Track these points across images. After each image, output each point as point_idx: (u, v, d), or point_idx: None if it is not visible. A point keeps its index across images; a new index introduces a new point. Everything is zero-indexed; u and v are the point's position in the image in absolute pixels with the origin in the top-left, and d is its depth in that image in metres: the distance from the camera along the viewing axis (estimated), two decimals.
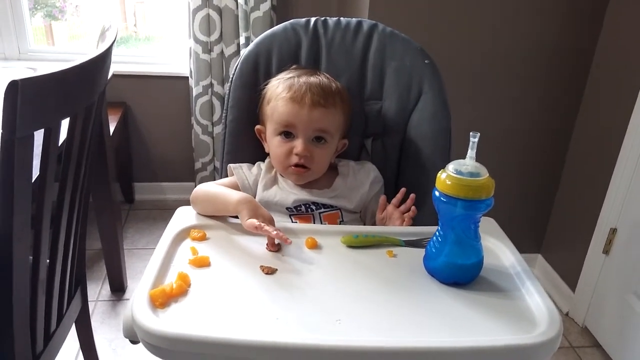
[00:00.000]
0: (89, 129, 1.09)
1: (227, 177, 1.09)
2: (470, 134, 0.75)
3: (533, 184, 2.08)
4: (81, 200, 1.18)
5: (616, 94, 1.76)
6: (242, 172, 1.07)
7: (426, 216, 0.97)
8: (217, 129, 2.37)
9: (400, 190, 1.03)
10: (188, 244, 0.85)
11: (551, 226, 2.13)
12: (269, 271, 0.79)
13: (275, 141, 1.03)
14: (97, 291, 1.92)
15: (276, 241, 0.84)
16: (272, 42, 1.12)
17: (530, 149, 2.01)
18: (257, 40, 1.13)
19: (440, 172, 0.77)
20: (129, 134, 2.44)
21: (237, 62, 1.12)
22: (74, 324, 1.33)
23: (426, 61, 1.10)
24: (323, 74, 1.06)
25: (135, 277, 1.99)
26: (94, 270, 2.02)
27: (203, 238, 0.87)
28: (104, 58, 1.07)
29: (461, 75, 1.82)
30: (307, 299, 0.73)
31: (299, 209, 1.03)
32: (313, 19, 1.14)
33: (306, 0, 2.29)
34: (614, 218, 1.72)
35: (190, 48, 2.21)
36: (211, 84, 2.28)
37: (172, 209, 0.95)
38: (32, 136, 0.84)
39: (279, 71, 1.09)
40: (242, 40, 2.19)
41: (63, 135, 1.00)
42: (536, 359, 0.68)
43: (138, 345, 0.74)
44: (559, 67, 1.87)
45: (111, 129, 1.95)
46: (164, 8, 2.51)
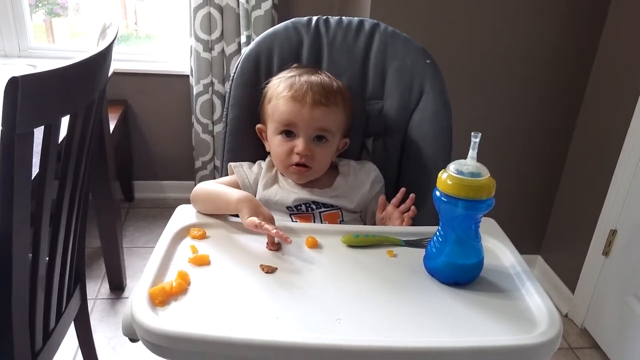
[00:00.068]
0: (89, 126, 1.08)
1: (228, 175, 1.09)
2: (472, 134, 0.75)
3: (533, 185, 2.08)
4: (81, 198, 1.18)
5: (617, 95, 1.76)
6: (242, 170, 1.07)
7: (427, 216, 0.97)
8: (218, 127, 2.37)
9: (400, 190, 1.03)
10: (188, 242, 0.85)
11: (551, 227, 2.13)
12: (269, 270, 0.79)
13: (276, 140, 1.03)
14: (96, 289, 1.92)
15: (276, 240, 0.84)
16: (273, 40, 1.12)
17: (531, 149, 2.01)
18: (258, 38, 1.13)
19: (441, 172, 0.77)
20: (129, 132, 2.44)
21: (238, 61, 1.12)
22: (72, 322, 1.33)
23: (427, 61, 1.10)
24: (324, 73, 1.06)
25: (135, 276, 1.99)
26: (93, 269, 2.02)
27: (203, 236, 0.87)
28: (105, 55, 1.06)
29: (461, 75, 1.82)
30: (307, 298, 0.73)
31: (299, 208, 1.03)
32: (315, 18, 1.14)
33: None
34: (614, 219, 1.72)
35: (191, 46, 2.21)
36: (212, 83, 2.28)
37: (172, 208, 0.95)
38: (32, 133, 0.84)
39: (280, 70, 1.09)
40: (243, 39, 2.18)
41: (63, 133, 1.00)
42: (536, 359, 0.68)
43: (137, 344, 0.74)
44: (559, 67, 1.87)
45: (111, 127, 1.95)
46: (165, 6, 2.51)
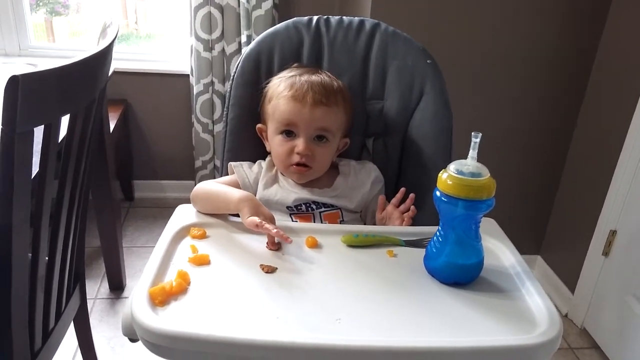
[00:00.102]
0: (89, 126, 1.08)
1: (228, 175, 1.09)
2: (472, 134, 0.75)
3: (533, 185, 2.08)
4: (81, 198, 1.17)
5: (617, 95, 1.76)
6: (242, 170, 1.07)
7: (427, 216, 0.97)
8: (218, 127, 2.37)
9: (399, 190, 1.03)
10: (188, 242, 0.85)
11: (551, 227, 2.13)
12: (269, 270, 0.78)
13: (276, 140, 1.02)
14: (96, 289, 1.92)
15: (276, 240, 0.84)
16: (274, 40, 1.12)
17: (531, 149, 2.01)
18: (259, 38, 1.13)
19: (441, 172, 0.77)
20: (129, 131, 2.44)
21: (238, 60, 1.12)
22: (72, 322, 1.33)
23: (428, 61, 1.10)
24: (325, 72, 1.06)
25: (134, 275, 1.99)
26: (92, 268, 2.02)
27: (203, 236, 0.87)
28: (105, 55, 1.06)
29: (461, 75, 1.82)
30: (307, 298, 0.73)
31: (299, 208, 1.03)
32: (315, 18, 1.14)
33: None
34: (614, 220, 1.72)
35: (192, 46, 2.21)
36: (212, 82, 2.27)
37: (172, 207, 0.95)
38: (32, 132, 0.84)
39: (281, 69, 1.09)
40: (243, 39, 2.18)
41: (63, 132, 0.99)
42: (536, 359, 0.68)
43: (136, 344, 0.74)
44: (559, 67, 1.87)
45: (111, 126, 1.95)
46: (165, 5, 2.51)
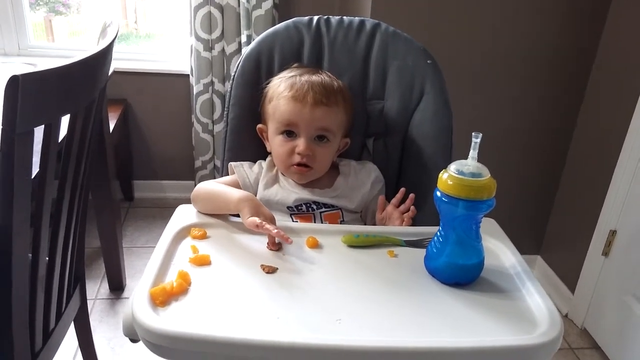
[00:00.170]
0: (89, 126, 1.08)
1: (228, 175, 1.09)
2: (473, 134, 0.75)
3: (533, 185, 2.08)
4: (81, 198, 1.17)
5: (617, 95, 1.76)
6: (243, 170, 1.07)
7: (427, 216, 0.97)
8: (218, 127, 2.37)
9: (400, 190, 1.03)
10: (188, 242, 0.85)
11: (551, 227, 2.13)
12: (270, 270, 0.78)
13: (277, 140, 1.02)
14: (96, 289, 1.92)
15: (277, 240, 0.84)
16: (274, 40, 1.12)
17: (530, 149, 2.01)
18: (259, 38, 1.13)
19: (441, 172, 0.77)
20: (129, 131, 2.44)
21: (239, 60, 1.12)
22: (72, 323, 1.32)
23: (428, 61, 1.10)
24: (325, 72, 1.06)
25: (134, 276, 1.99)
26: (92, 269, 2.02)
27: (204, 236, 0.87)
28: (105, 54, 1.06)
29: (461, 75, 1.82)
30: (308, 299, 0.73)
31: (299, 208, 1.03)
32: (316, 18, 1.14)
33: None
34: (613, 220, 1.72)
35: (191, 46, 2.21)
36: (212, 82, 2.27)
37: (172, 207, 0.95)
38: (32, 132, 0.84)
39: (281, 69, 1.09)
40: (243, 39, 2.18)
41: (63, 132, 0.99)
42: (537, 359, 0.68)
43: (136, 344, 0.74)
44: (559, 66, 1.87)
45: (111, 126, 1.95)
46: (165, 5, 2.51)
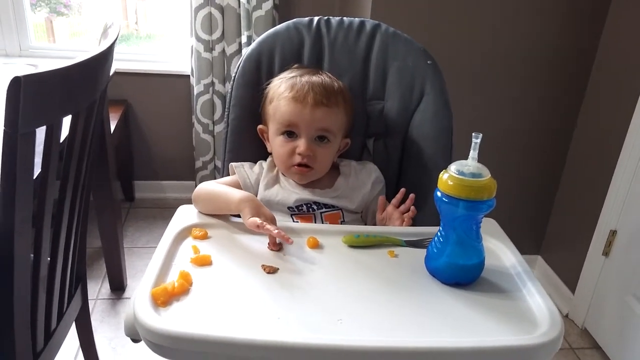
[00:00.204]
0: (90, 126, 1.08)
1: (229, 175, 1.09)
2: (473, 134, 0.75)
3: (533, 185, 2.08)
4: (82, 198, 1.18)
5: (617, 95, 1.76)
6: (243, 170, 1.07)
7: (428, 216, 0.97)
8: (218, 127, 2.37)
9: (400, 190, 1.03)
10: (190, 242, 0.85)
11: (551, 227, 2.13)
12: (271, 270, 0.79)
13: (277, 141, 1.03)
14: (97, 290, 1.92)
15: (278, 240, 0.84)
16: (274, 41, 1.12)
17: (531, 149, 2.01)
18: (260, 39, 1.13)
19: (442, 172, 0.77)
20: (129, 132, 2.44)
21: (239, 61, 1.12)
22: (74, 323, 1.33)
23: (428, 62, 1.10)
24: (325, 73, 1.06)
25: (135, 276, 1.99)
26: (93, 269, 2.02)
27: (205, 237, 0.87)
28: (107, 55, 1.06)
29: (461, 76, 1.83)
30: (309, 299, 0.73)
31: (300, 208, 1.03)
32: (316, 19, 1.14)
33: (308, 0, 2.29)
34: (614, 220, 1.73)
35: (192, 46, 2.21)
36: (212, 83, 2.28)
37: (172, 208, 0.95)
38: (34, 133, 0.84)
39: (282, 70, 1.09)
40: (243, 39, 2.19)
41: (64, 133, 1.00)
42: None
43: (137, 344, 0.75)
44: (559, 67, 1.87)
45: (112, 127, 1.95)
46: (165, 6, 2.51)
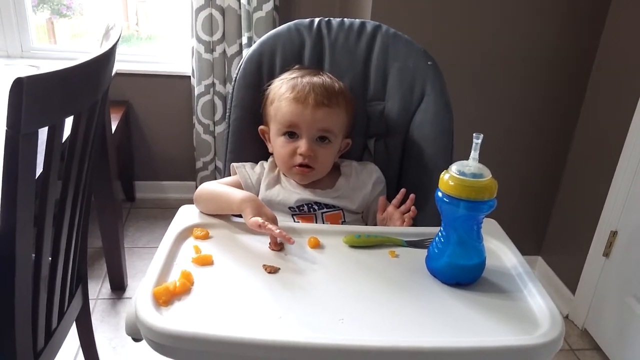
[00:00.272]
0: (92, 127, 1.09)
1: (230, 176, 1.09)
2: (474, 135, 0.75)
3: (533, 185, 2.08)
4: (83, 198, 1.18)
5: (618, 95, 1.76)
6: (244, 171, 1.07)
7: (428, 217, 0.97)
8: (219, 128, 2.37)
9: (400, 190, 1.03)
10: (191, 242, 0.85)
11: (551, 228, 2.13)
12: (272, 270, 0.79)
13: (279, 141, 1.03)
14: (98, 289, 1.92)
15: (279, 240, 0.84)
16: (275, 42, 1.12)
17: (531, 149, 2.01)
18: (261, 40, 1.13)
19: (443, 172, 0.77)
20: (130, 132, 2.44)
21: (240, 62, 1.13)
22: (74, 322, 1.33)
23: (429, 63, 1.10)
24: (326, 74, 1.06)
25: (136, 276, 1.99)
26: (94, 269, 2.02)
27: (206, 236, 0.87)
28: (108, 57, 1.07)
29: (462, 76, 1.83)
30: (310, 298, 0.74)
31: (301, 208, 1.03)
32: (317, 20, 1.15)
33: (308, 1, 2.29)
34: (614, 220, 1.73)
35: (193, 47, 2.22)
36: (213, 84, 2.28)
37: (173, 208, 0.95)
38: (37, 133, 0.85)
39: (283, 71, 1.09)
40: (244, 40, 2.19)
41: (66, 133, 1.00)
42: None
43: (137, 344, 0.75)
44: (559, 67, 1.87)
45: (113, 128, 1.95)
46: (166, 7, 2.51)
